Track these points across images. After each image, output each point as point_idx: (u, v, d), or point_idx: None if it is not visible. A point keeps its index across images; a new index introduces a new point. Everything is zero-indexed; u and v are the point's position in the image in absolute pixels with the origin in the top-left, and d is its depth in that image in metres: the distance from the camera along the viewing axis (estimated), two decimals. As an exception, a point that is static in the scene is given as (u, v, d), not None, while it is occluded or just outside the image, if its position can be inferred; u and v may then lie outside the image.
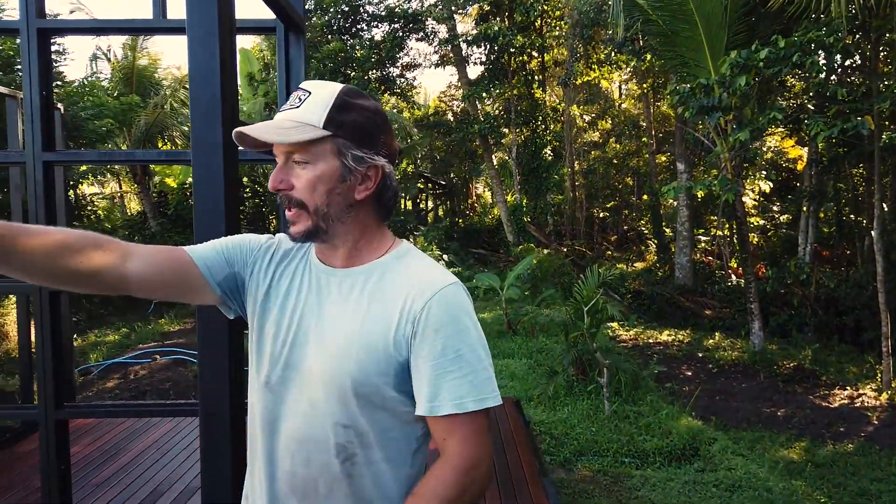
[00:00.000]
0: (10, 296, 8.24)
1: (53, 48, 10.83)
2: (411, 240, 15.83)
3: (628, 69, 16.68)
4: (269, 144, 1.10)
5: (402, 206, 21.19)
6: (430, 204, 25.18)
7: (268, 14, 2.38)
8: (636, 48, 11.90)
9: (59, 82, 11.39)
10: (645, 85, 15.79)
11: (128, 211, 18.33)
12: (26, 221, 1.33)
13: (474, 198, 24.59)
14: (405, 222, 17.33)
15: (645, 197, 18.12)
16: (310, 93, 1.10)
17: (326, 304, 1.14)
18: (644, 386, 7.02)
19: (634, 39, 11.82)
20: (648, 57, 12.11)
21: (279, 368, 1.15)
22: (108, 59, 15.29)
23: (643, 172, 18.35)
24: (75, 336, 10.11)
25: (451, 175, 22.69)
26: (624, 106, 19.72)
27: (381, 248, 1.17)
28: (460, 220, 21.59)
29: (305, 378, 1.13)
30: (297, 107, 1.09)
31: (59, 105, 4.92)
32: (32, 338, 3.31)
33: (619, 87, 20.71)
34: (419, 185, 21.63)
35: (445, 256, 15.69)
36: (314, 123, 1.07)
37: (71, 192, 12.36)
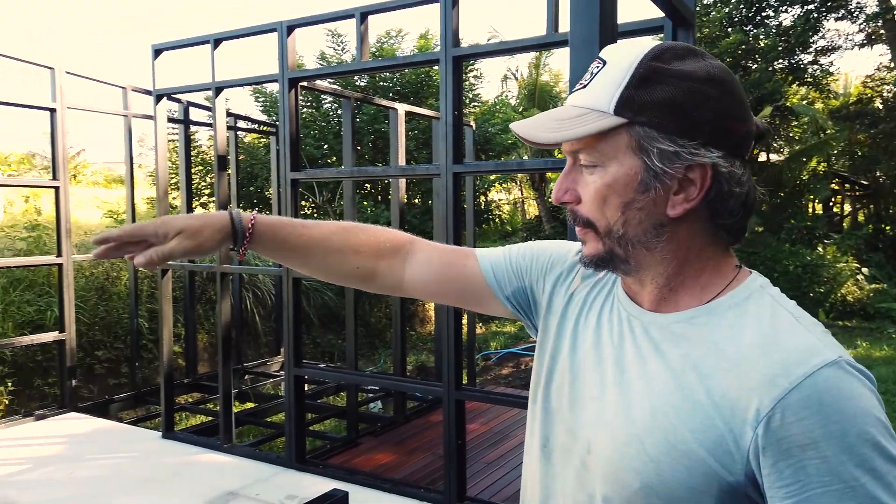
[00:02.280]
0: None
1: (474, 73, 12.51)
2: (820, 249, 13.80)
3: None
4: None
5: (811, 211, 18.69)
6: (847, 208, 21.62)
7: (655, 13, 2.31)
8: None
9: (476, 103, 13.11)
10: None
11: (527, 215, 20.13)
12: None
13: (909, 200, 20.25)
14: (813, 228, 15.20)
15: None
16: (604, 62, 0.75)
17: (625, 359, 0.79)
18: None
19: None
20: None
21: (560, 430, 0.85)
22: (516, 79, 17.08)
23: None
24: (480, 325, 11.50)
25: (877, 173, 19.05)
26: None
27: (712, 288, 0.77)
28: (887, 227, 18.01)
29: (583, 456, 0.80)
30: (586, 86, 0.76)
31: (472, 123, 5.65)
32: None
33: None
34: (832, 185, 18.73)
35: (865, 270, 13.30)
36: (602, 108, 0.73)
37: (482, 197, 14.11)
